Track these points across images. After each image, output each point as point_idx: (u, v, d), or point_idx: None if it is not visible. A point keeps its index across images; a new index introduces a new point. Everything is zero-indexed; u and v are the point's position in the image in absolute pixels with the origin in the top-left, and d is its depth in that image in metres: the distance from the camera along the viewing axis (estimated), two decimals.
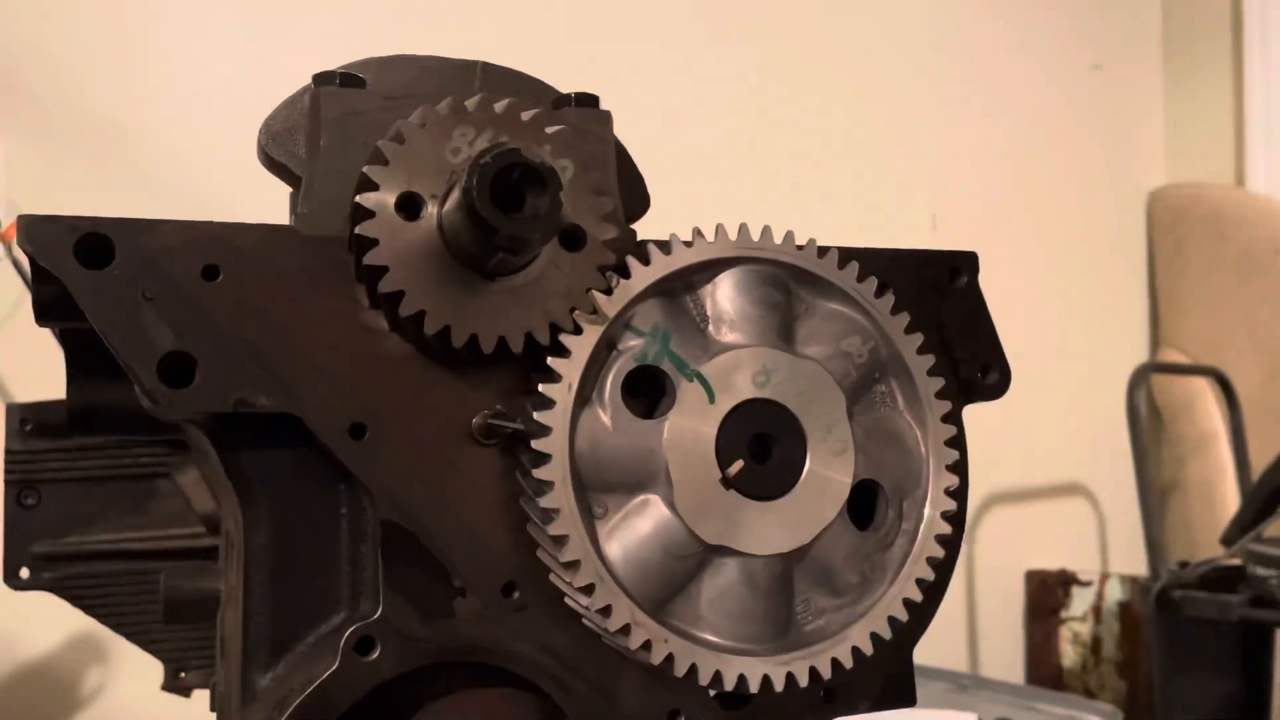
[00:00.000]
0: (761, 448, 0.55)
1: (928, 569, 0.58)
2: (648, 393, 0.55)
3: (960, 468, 0.60)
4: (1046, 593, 2.66)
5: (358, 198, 0.51)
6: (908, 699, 0.61)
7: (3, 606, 1.23)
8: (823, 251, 0.58)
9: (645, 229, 0.58)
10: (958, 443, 0.60)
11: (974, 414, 0.64)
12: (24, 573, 1.01)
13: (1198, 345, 2.87)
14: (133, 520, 1.03)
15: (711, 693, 0.57)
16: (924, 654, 0.62)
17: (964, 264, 0.65)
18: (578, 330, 0.53)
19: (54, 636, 1.66)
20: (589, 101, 0.58)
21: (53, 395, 0.86)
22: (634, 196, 0.61)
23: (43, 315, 0.52)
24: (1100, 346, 2.87)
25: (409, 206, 0.51)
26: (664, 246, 0.56)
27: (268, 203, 0.70)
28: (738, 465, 0.54)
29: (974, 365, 0.64)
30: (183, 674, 1.05)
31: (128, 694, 1.68)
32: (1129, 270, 2.99)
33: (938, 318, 0.63)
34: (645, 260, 0.55)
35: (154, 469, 1.04)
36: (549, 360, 0.53)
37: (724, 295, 0.57)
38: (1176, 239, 2.94)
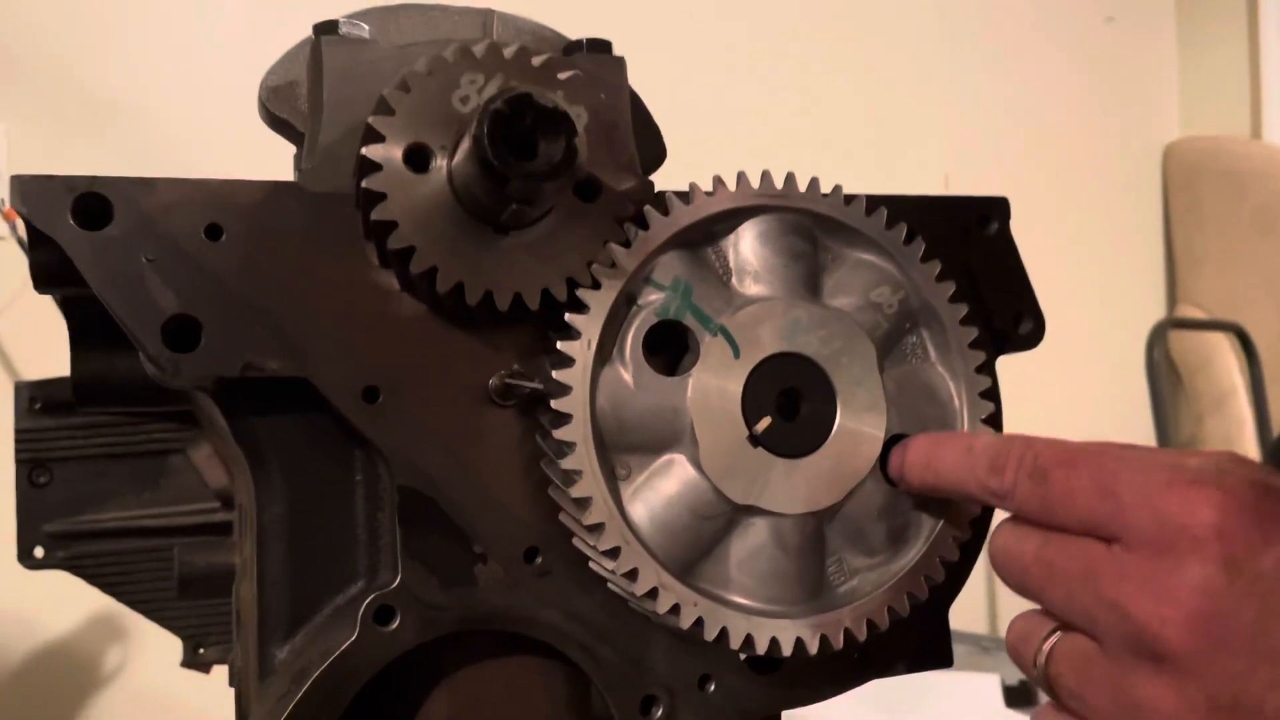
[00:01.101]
0: (789, 403, 0.53)
1: (964, 527, 0.56)
2: (670, 349, 0.53)
3: (995, 420, 0.58)
4: None
5: (363, 150, 0.49)
6: (944, 660, 0.60)
7: (19, 586, 1.22)
8: (849, 199, 0.56)
9: (659, 183, 0.56)
10: (992, 394, 0.58)
11: None
12: (38, 552, 1.00)
13: (1216, 300, 2.84)
14: (146, 497, 1.02)
15: (742, 656, 0.55)
16: None
17: (994, 210, 0.63)
18: (596, 285, 0.51)
19: (72, 615, 1.66)
20: (602, 47, 0.56)
21: (62, 373, 0.84)
22: (650, 147, 0.58)
23: (42, 281, 0.50)
24: (1117, 303, 2.84)
25: (417, 158, 0.49)
26: (684, 196, 0.53)
27: (272, 175, 0.68)
28: (765, 422, 0.52)
29: (1007, 315, 0.62)
30: (201, 649, 1.04)
31: (148, 670, 1.68)
32: (1145, 225, 2.95)
33: (968, 266, 0.61)
34: (664, 211, 0.53)
35: (166, 445, 1.02)
36: (567, 317, 0.51)
37: (747, 246, 0.54)
38: (1193, 193, 2.90)
